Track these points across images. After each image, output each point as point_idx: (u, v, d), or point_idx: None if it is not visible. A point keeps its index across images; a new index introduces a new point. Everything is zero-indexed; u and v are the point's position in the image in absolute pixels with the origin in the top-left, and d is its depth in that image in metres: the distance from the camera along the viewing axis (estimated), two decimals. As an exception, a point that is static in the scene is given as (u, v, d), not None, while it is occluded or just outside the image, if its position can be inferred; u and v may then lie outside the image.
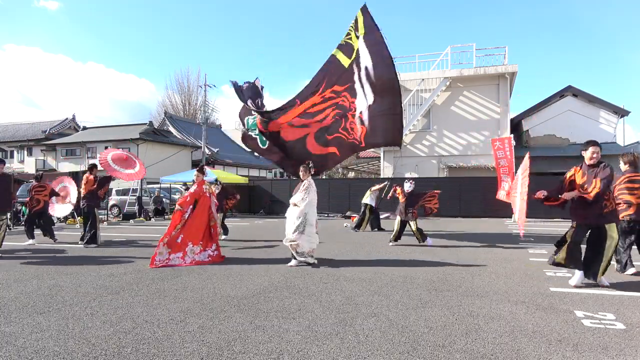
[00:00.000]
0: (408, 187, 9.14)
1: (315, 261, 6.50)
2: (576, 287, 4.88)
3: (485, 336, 3.29)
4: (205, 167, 7.66)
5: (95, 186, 9.11)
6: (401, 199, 9.13)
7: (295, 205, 6.53)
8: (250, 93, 10.80)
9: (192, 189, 7.05)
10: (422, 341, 3.18)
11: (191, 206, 6.91)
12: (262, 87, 11.28)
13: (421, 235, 8.86)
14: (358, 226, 12.53)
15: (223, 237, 9.98)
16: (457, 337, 3.28)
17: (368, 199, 12.50)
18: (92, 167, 9.34)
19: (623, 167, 5.85)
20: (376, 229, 12.59)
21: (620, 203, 5.56)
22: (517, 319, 3.74)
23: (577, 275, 4.96)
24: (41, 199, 9.86)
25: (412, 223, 8.90)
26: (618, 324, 3.60)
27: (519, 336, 3.29)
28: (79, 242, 9.23)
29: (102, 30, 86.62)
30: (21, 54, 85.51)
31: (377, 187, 12.73)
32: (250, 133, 11.15)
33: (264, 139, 10.72)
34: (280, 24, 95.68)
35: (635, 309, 4.03)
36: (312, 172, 6.90)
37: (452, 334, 3.35)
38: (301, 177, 6.77)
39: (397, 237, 8.96)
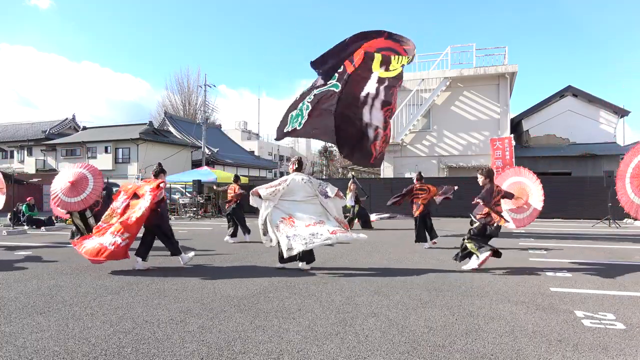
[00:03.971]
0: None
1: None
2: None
3: (485, 336, 3.29)
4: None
5: None
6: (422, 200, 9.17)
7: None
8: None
9: None
10: (422, 341, 3.18)
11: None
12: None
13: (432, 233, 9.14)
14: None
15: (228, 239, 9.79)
16: (457, 337, 3.28)
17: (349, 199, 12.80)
18: None
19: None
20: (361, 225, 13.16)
21: None
22: (517, 319, 3.74)
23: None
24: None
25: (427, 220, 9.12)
26: (618, 324, 3.60)
27: (519, 336, 3.29)
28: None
29: (96, 29, 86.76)
30: (15, 54, 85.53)
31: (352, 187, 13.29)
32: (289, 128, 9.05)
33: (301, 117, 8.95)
34: (280, 25, 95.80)
35: (635, 309, 4.03)
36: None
37: (452, 334, 3.35)
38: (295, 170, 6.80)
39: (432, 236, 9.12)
